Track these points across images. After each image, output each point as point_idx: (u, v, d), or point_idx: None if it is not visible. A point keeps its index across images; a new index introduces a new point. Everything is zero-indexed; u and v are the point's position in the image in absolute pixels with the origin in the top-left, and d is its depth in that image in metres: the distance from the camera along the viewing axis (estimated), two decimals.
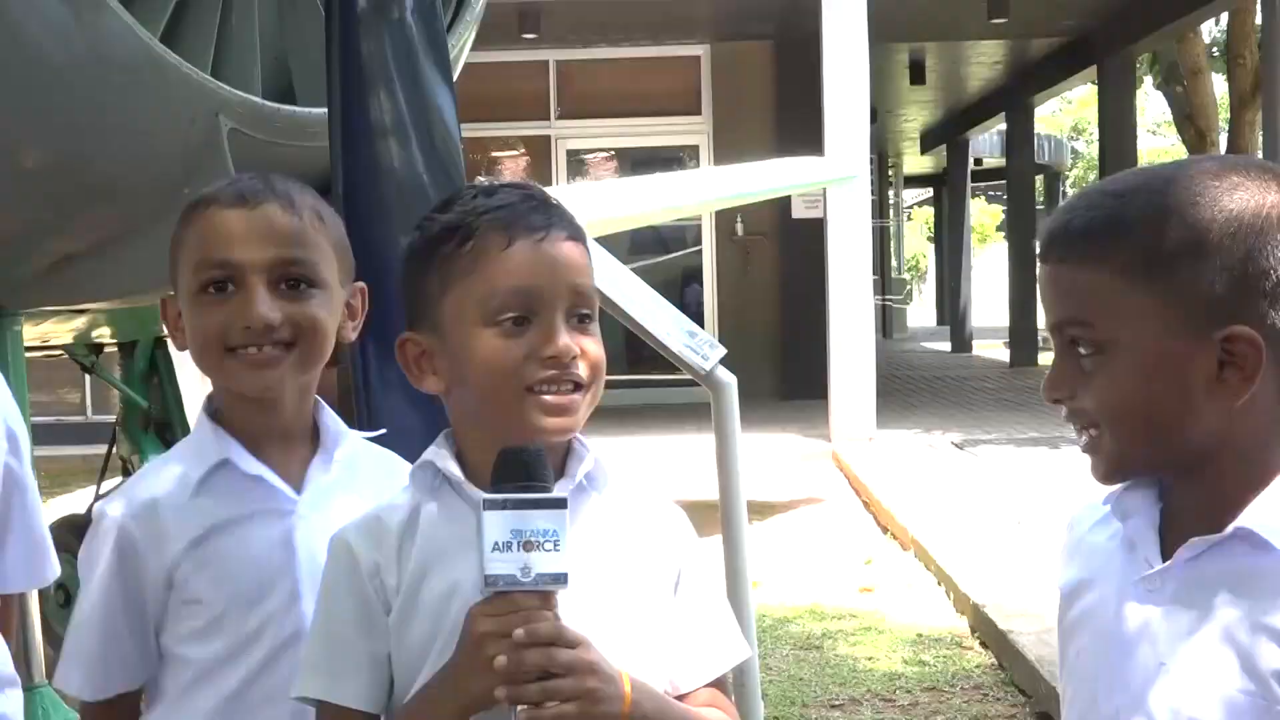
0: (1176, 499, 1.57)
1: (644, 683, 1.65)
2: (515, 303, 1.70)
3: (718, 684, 1.81)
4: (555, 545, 1.54)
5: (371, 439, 2.19)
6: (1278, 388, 1.50)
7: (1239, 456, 1.52)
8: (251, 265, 1.98)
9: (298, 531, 2.01)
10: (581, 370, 1.71)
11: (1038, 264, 1.60)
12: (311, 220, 2.04)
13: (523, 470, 1.58)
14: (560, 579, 1.55)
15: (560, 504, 1.57)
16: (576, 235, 1.76)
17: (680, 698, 1.76)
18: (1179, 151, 29.67)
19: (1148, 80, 21.43)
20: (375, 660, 1.73)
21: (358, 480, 2.06)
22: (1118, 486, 1.62)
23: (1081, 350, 1.52)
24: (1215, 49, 20.44)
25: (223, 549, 2.00)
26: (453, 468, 1.74)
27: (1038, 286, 1.59)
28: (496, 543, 1.54)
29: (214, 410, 2.08)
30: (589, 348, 1.72)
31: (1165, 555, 1.54)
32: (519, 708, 1.55)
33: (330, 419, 2.10)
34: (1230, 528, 1.48)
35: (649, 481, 1.93)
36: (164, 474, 2.05)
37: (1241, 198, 1.48)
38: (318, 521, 1.99)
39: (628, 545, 1.77)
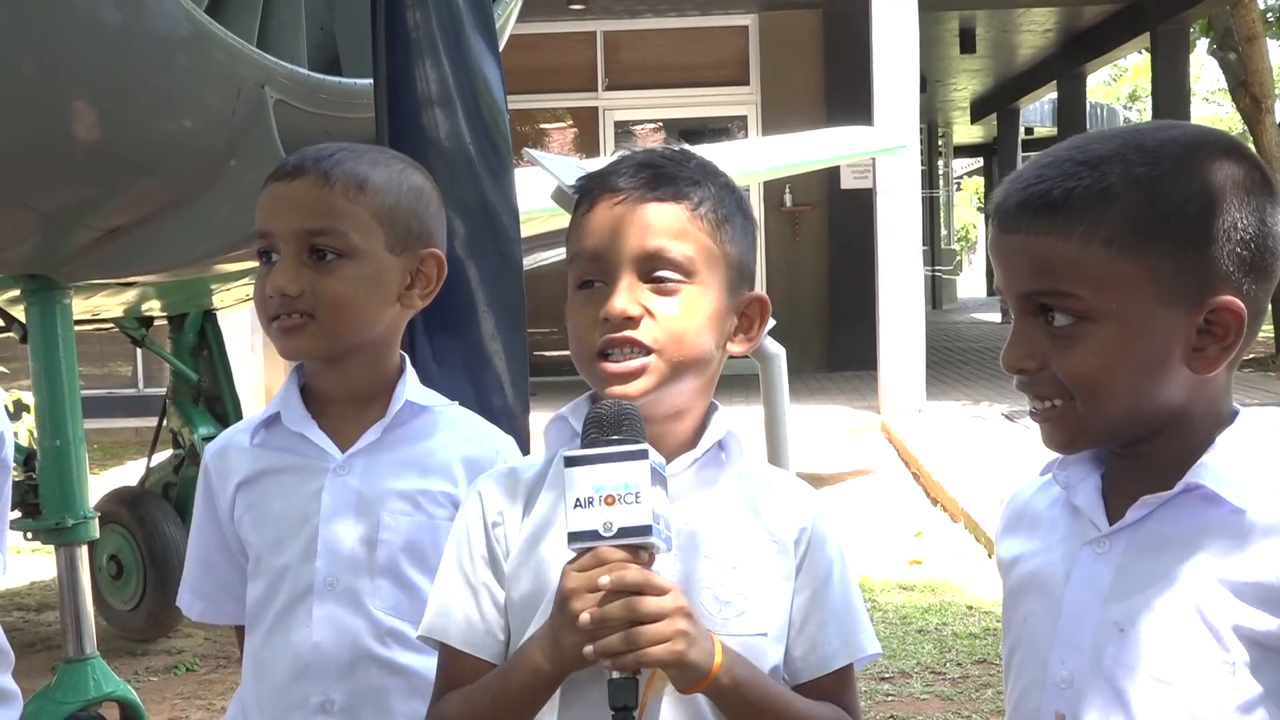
0: (1120, 464, 1.57)
1: (736, 652, 1.61)
2: (587, 267, 1.69)
3: (842, 675, 1.74)
4: (636, 498, 1.50)
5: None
6: (1232, 356, 1.50)
7: (1190, 422, 1.51)
8: (281, 236, 2.03)
9: (326, 490, 2.06)
10: (645, 334, 1.65)
11: (994, 232, 1.55)
12: (345, 190, 2.04)
13: (606, 426, 1.56)
14: (644, 531, 1.50)
15: (640, 455, 1.52)
16: (680, 196, 1.68)
17: (800, 685, 1.71)
18: (1234, 120, 29.32)
19: (1201, 47, 21.15)
20: (495, 608, 1.71)
21: (413, 446, 2.10)
22: (1056, 456, 1.62)
23: (1058, 319, 1.50)
24: (1270, 14, 20.14)
25: (264, 495, 2.09)
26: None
27: (994, 254, 1.55)
28: (579, 499, 1.51)
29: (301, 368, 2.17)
30: (663, 310, 1.66)
31: (1109, 519, 1.54)
32: (606, 661, 1.51)
33: (403, 387, 2.11)
34: (1180, 484, 1.48)
35: None
36: (246, 421, 2.18)
37: (1221, 167, 1.47)
38: (351, 483, 2.06)
39: (752, 523, 1.72)
